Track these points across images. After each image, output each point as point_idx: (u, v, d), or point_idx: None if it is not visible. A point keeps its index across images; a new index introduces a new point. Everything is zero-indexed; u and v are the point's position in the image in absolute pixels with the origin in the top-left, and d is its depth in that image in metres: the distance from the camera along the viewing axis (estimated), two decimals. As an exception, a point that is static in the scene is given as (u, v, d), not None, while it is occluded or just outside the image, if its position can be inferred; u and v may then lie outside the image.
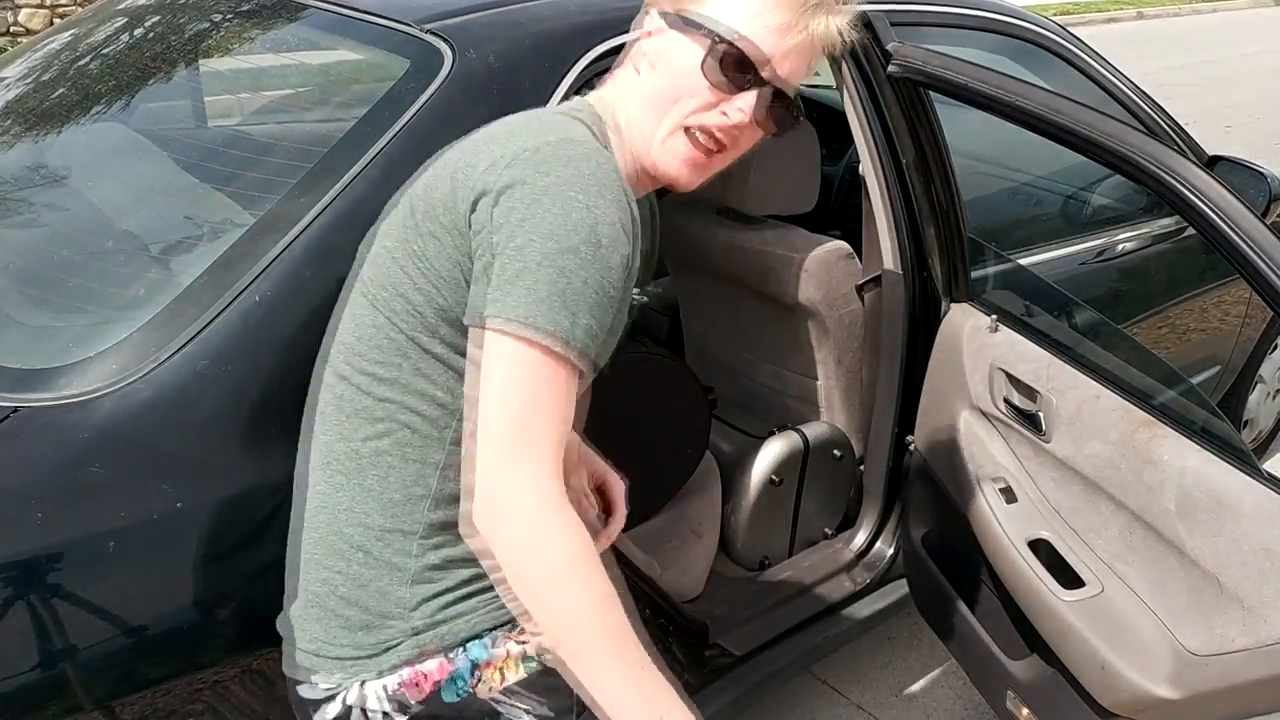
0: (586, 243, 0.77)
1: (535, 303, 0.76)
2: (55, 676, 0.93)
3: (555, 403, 0.77)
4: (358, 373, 0.86)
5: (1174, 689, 1.28)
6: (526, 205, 0.77)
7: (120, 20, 1.67)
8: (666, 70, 0.86)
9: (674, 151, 0.86)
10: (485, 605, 0.87)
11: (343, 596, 0.87)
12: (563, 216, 0.76)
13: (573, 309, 0.76)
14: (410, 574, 0.86)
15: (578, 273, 0.76)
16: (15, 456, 0.97)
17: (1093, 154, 1.31)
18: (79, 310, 1.14)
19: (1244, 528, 1.21)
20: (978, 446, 1.55)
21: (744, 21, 0.84)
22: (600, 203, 0.78)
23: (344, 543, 0.87)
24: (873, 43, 1.63)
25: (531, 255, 0.76)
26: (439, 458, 0.85)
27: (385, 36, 1.33)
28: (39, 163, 1.40)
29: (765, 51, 0.84)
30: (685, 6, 0.86)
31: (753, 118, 0.86)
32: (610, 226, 0.78)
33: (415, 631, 0.86)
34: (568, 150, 0.79)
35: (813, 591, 1.79)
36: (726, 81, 0.84)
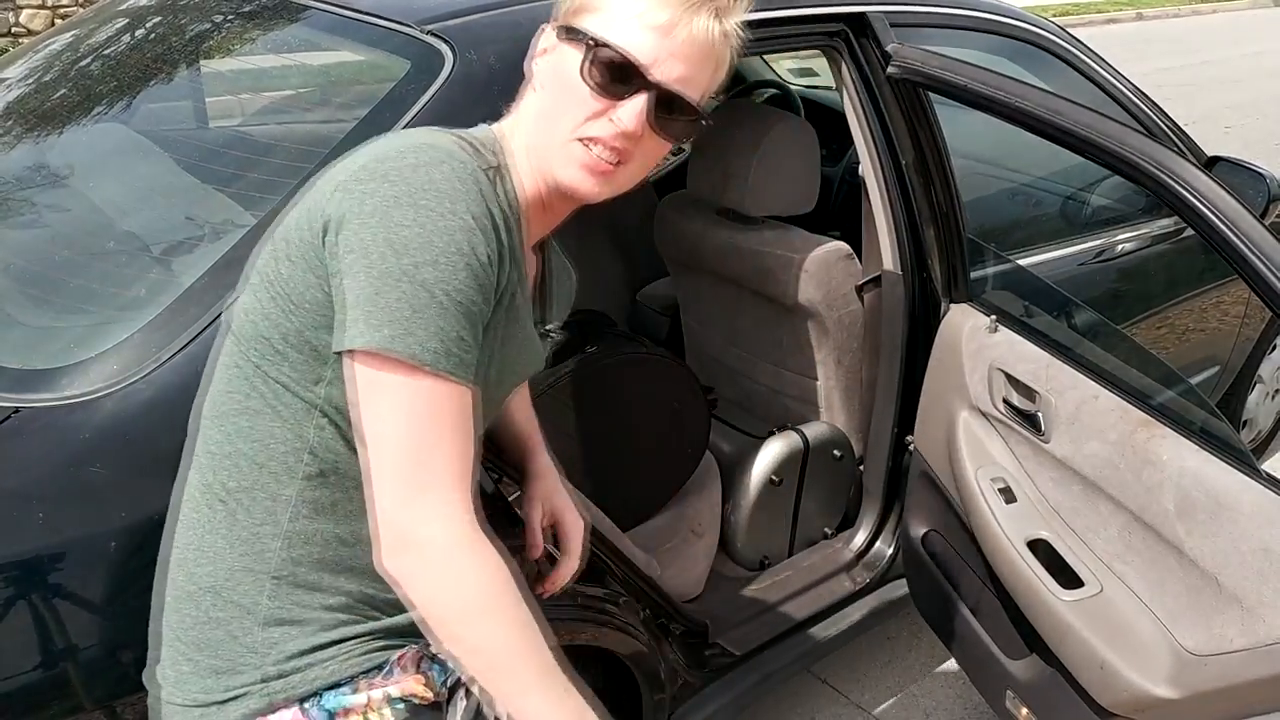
0: (445, 252, 0.74)
1: (399, 322, 0.72)
2: (56, 676, 0.94)
3: (447, 428, 0.74)
4: (213, 406, 0.84)
5: (1173, 689, 1.28)
6: (377, 219, 0.74)
7: (121, 21, 1.68)
8: (555, 83, 0.83)
9: (571, 160, 0.82)
10: (346, 653, 0.83)
11: (193, 640, 0.83)
12: (416, 228, 0.73)
13: (440, 324, 0.73)
14: (260, 616, 0.81)
15: (439, 285, 0.73)
16: (17, 457, 0.97)
17: (1092, 155, 1.31)
18: (80, 311, 1.14)
19: (1243, 528, 1.21)
20: (977, 447, 1.56)
21: (624, 23, 0.80)
22: (456, 207, 0.75)
23: (193, 584, 0.83)
24: (872, 44, 1.63)
25: (389, 272, 0.73)
26: (290, 493, 0.81)
27: (386, 37, 1.33)
28: (40, 163, 1.41)
29: (648, 52, 0.80)
30: (573, 18, 0.83)
31: (642, 125, 0.81)
32: (469, 232, 0.75)
33: (265, 679, 0.81)
34: (417, 157, 0.76)
35: (813, 591, 1.80)
36: (608, 86, 0.80)
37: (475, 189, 0.77)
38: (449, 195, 0.75)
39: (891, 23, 1.66)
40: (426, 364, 0.73)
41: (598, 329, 1.62)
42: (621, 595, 1.40)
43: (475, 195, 0.77)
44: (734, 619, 1.70)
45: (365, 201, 0.75)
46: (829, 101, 2.97)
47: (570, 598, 1.31)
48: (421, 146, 0.78)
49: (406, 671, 0.86)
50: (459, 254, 0.74)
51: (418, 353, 0.73)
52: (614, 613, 1.38)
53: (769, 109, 1.88)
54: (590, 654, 1.41)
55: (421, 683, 0.86)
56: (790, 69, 3.36)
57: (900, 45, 1.62)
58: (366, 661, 0.84)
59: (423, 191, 0.75)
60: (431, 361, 0.74)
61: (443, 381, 0.74)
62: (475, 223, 0.76)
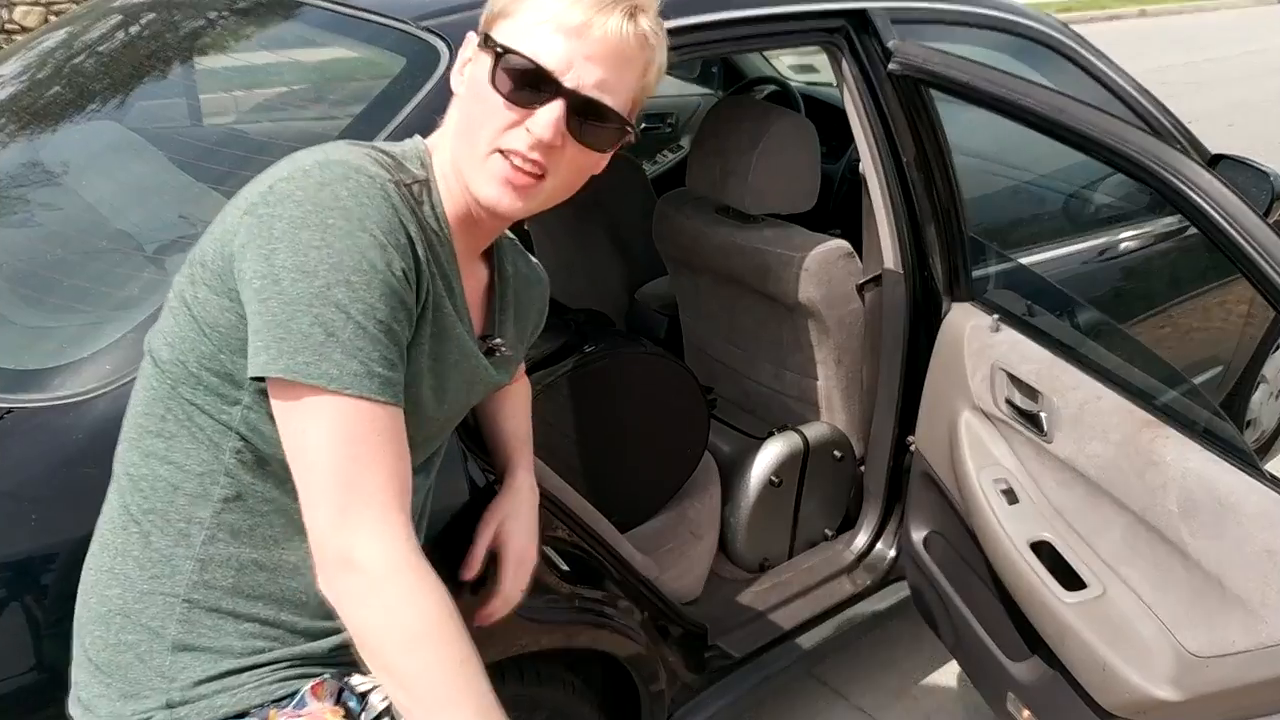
0: (356, 270, 0.72)
1: (313, 348, 0.71)
2: (51, 677, 0.93)
3: (376, 449, 0.73)
4: (131, 428, 0.83)
5: (1175, 691, 1.28)
6: (285, 243, 0.72)
7: (115, 18, 1.67)
8: (471, 95, 0.80)
9: (490, 176, 0.79)
10: (258, 680, 0.82)
11: (104, 663, 0.82)
12: (324, 249, 0.71)
13: (358, 344, 0.72)
14: (169, 640, 0.80)
15: (353, 305, 0.72)
16: (9, 457, 0.96)
17: (1095, 152, 1.30)
18: (73, 310, 1.14)
19: (1246, 529, 1.21)
20: (979, 447, 1.55)
21: (535, 28, 0.77)
22: (365, 224, 0.73)
23: (104, 606, 0.82)
24: (873, 40, 1.62)
25: (300, 296, 0.71)
26: (205, 516, 0.80)
27: (381, 34, 1.32)
28: (33, 161, 1.40)
29: (560, 58, 0.77)
30: (490, 26, 0.80)
31: (558, 134, 0.78)
32: (380, 249, 0.73)
33: (170, 704, 0.80)
34: (323, 175, 0.74)
35: (813, 593, 1.79)
36: (520, 94, 0.77)
37: (384, 204, 0.75)
38: (356, 212, 0.73)
39: (893, 19, 1.65)
40: (347, 388, 0.72)
41: (596, 328, 1.61)
42: (620, 597, 1.39)
43: (384, 210, 0.75)
44: (734, 621, 1.69)
45: (273, 225, 0.73)
46: (829, 98, 2.96)
47: (568, 600, 1.30)
48: (328, 164, 0.76)
49: (321, 700, 0.84)
50: (371, 271, 0.73)
51: (336, 376, 0.72)
52: (612, 615, 1.37)
53: (769, 106, 1.87)
54: (589, 656, 1.40)
55: (339, 715, 0.84)
56: (790, 65, 3.35)
57: (901, 42, 1.61)
58: (278, 689, 0.83)
59: (329, 210, 0.73)
60: (353, 385, 0.72)
61: (366, 403, 0.73)
62: (385, 238, 0.74)
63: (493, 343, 0.92)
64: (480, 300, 0.93)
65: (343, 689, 0.86)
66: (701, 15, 1.42)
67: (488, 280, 0.94)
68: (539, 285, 1.03)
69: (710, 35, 1.46)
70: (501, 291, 0.95)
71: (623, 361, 1.56)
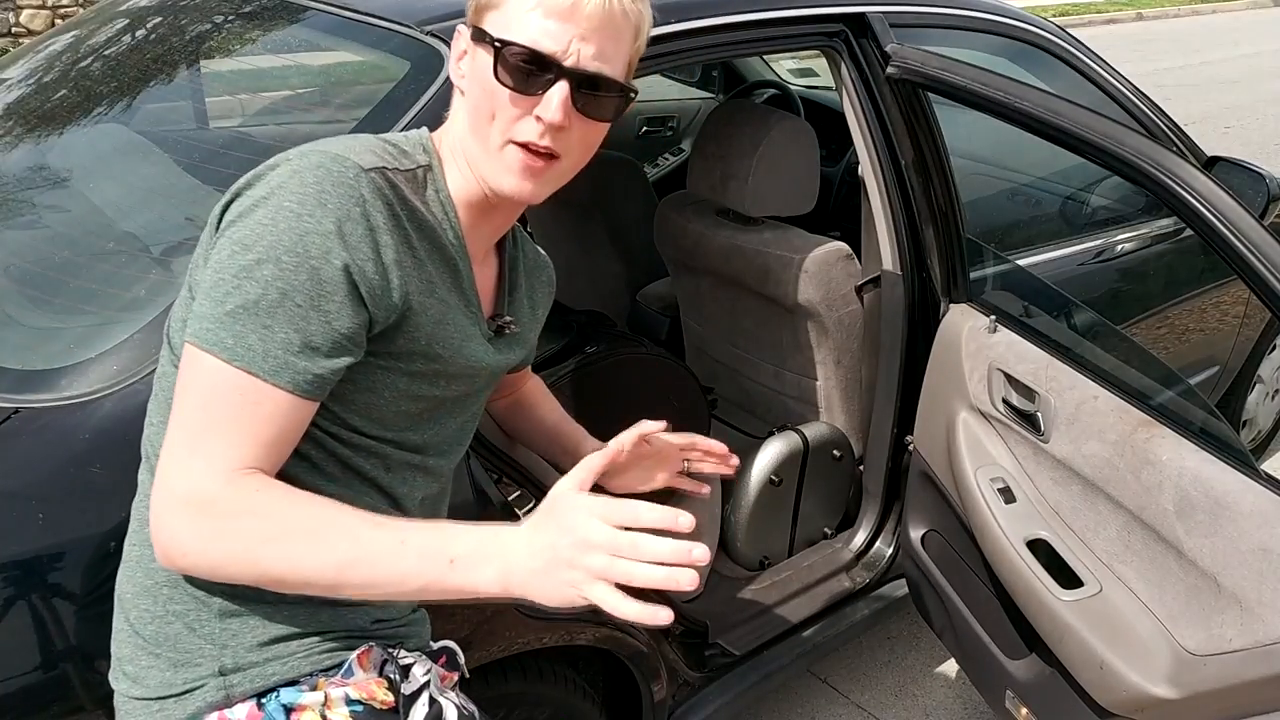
0: (290, 252, 0.73)
1: (221, 317, 0.73)
2: (57, 676, 0.94)
3: (247, 421, 0.74)
4: (159, 410, 0.85)
5: (1172, 689, 1.29)
6: (239, 218, 0.76)
7: (122, 22, 1.68)
8: (476, 89, 0.82)
9: (506, 167, 0.82)
10: (306, 649, 0.83)
11: (152, 635, 0.83)
12: (270, 226, 0.74)
13: (266, 322, 0.73)
14: (216, 608, 0.82)
15: (274, 284, 0.73)
16: (16, 457, 0.97)
17: (1091, 156, 1.31)
18: (80, 311, 1.14)
19: (1242, 528, 1.22)
20: (976, 447, 1.56)
21: (525, 16, 0.79)
22: (317, 213, 0.74)
23: (150, 579, 0.84)
24: (872, 44, 1.63)
25: (229, 267, 0.74)
26: None
27: (385, 38, 1.33)
28: (41, 164, 1.41)
29: (557, 40, 0.78)
30: (479, 19, 0.82)
31: (567, 115, 0.80)
32: (323, 237, 0.74)
33: (222, 671, 0.82)
34: (300, 163, 0.76)
35: (812, 591, 1.80)
36: (525, 83, 0.79)
37: (348, 194, 0.76)
38: (314, 200, 0.75)
39: (891, 23, 1.66)
40: (237, 359, 0.74)
41: (598, 329, 1.62)
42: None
43: (345, 200, 0.76)
44: (734, 619, 1.70)
45: (241, 204, 0.77)
46: (828, 102, 2.97)
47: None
48: (309, 153, 0.78)
49: (367, 671, 0.86)
50: (304, 257, 0.74)
51: (230, 346, 0.74)
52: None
53: (769, 109, 1.88)
54: (590, 654, 1.41)
55: (384, 686, 0.86)
56: (790, 69, 3.37)
57: (900, 45, 1.62)
58: (326, 659, 0.84)
59: (288, 194, 0.75)
60: (242, 358, 0.74)
61: (251, 378, 0.74)
62: (334, 226, 0.75)
63: (503, 320, 0.94)
64: (493, 285, 0.95)
65: (386, 660, 0.87)
66: (702, 20, 1.44)
67: (498, 266, 0.96)
68: (546, 269, 1.06)
69: (711, 39, 1.47)
70: (513, 273, 0.98)
71: (624, 362, 1.57)
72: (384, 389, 0.83)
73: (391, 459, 0.87)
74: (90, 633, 0.94)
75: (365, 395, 0.83)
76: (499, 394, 1.17)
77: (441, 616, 1.06)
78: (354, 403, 0.83)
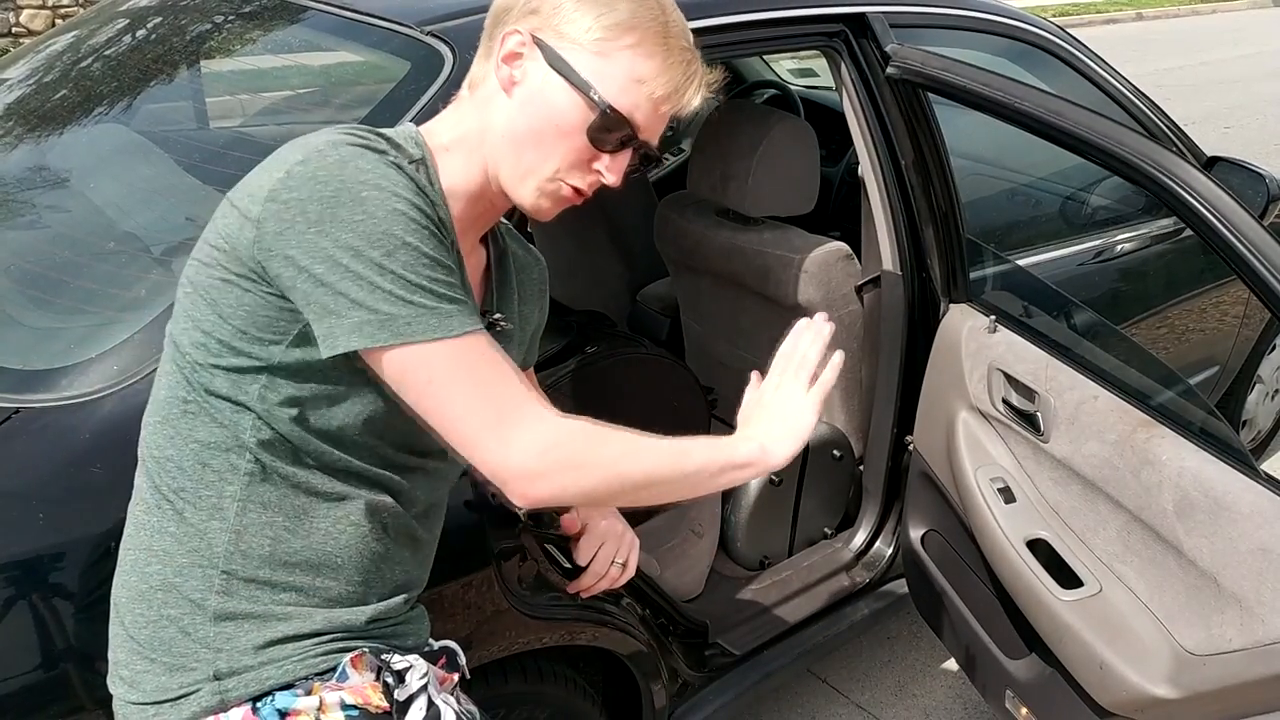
0: (406, 231, 0.76)
1: (401, 317, 0.76)
2: (58, 676, 0.94)
3: (492, 368, 0.79)
4: (155, 411, 0.85)
5: (1172, 689, 1.29)
6: (330, 223, 0.75)
7: (122, 22, 1.68)
8: (545, 117, 0.84)
9: (545, 194, 0.87)
10: (301, 653, 0.84)
11: (147, 639, 0.83)
12: (366, 220, 0.75)
13: (433, 294, 0.77)
14: (211, 611, 0.82)
15: (415, 265, 0.76)
16: (17, 457, 0.97)
17: (1091, 156, 1.31)
18: (81, 311, 1.14)
19: (1241, 528, 1.22)
20: (976, 447, 1.56)
21: (630, 87, 0.83)
22: (397, 189, 0.77)
23: (145, 583, 0.84)
24: (872, 44, 1.63)
25: (366, 270, 0.75)
26: (233, 489, 0.82)
27: (386, 38, 1.33)
28: (41, 164, 1.41)
29: (646, 118, 0.85)
30: (565, 46, 0.83)
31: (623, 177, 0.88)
32: (415, 209, 0.77)
33: (217, 675, 0.82)
34: (338, 154, 0.78)
35: (812, 591, 1.80)
36: (606, 142, 0.85)
37: (399, 173, 0.79)
38: (385, 182, 0.77)
39: (891, 23, 1.66)
40: (445, 334, 0.77)
41: (598, 330, 1.62)
42: (622, 595, 1.40)
43: (403, 179, 0.79)
44: (734, 619, 1.70)
45: (306, 209, 0.75)
46: (828, 102, 2.97)
47: (570, 597, 1.31)
48: (338, 143, 0.79)
49: (362, 675, 0.86)
50: (417, 227, 0.77)
51: (435, 326, 0.77)
52: (614, 613, 1.38)
53: (769, 109, 1.88)
54: (591, 653, 1.41)
55: (379, 690, 0.86)
56: (790, 69, 3.37)
57: (900, 46, 1.62)
58: (321, 662, 0.84)
59: (360, 184, 0.76)
60: (442, 329, 0.77)
61: (463, 339, 0.78)
62: (418, 198, 0.78)
63: (492, 317, 0.95)
64: (479, 279, 0.96)
65: (381, 667, 0.87)
66: (703, 20, 1.44)
67: (486, 261, 0.97)
68: (537, 267, 1.06)
69: (711, 40, 1.47)
70: (500, 270, 0.98)
71: (624, 362, 1.57)
72: (386, 389, 0.83)
73: (393, 461, 0.87)
74: (90, 633, 0.94)
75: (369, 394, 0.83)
76: None
77: (441, 616, 1.06)
78: (358, 404, 0.82)
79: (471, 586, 1.20)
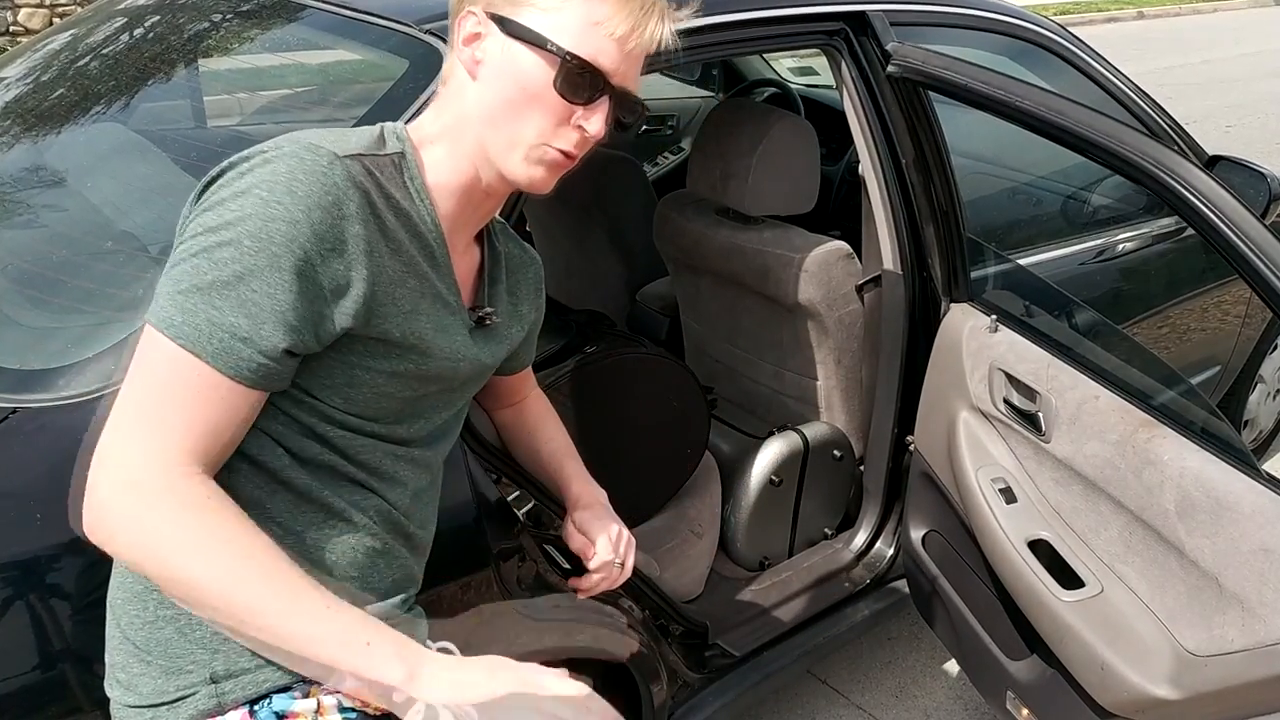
0: (252, 237, 0.73)
1: (175, 295, 0.74)
2: (56, 677, 0.93)
3: (189, 404, 0.73)
4: None
5: (1173, 689, 1.28)
6: (210, 204, 0.76)
7: (120, 20, 1.67)
8: (512, 86, 0.83)
9: (535, 162, 0.85)
10: None
11: (143, 641, 0.83)
12: (236, 213, 0.74)
13: (218, 304, 0.73)
14: None
15: (231, 266, 0.73)
16: (14, 457, 0.97)
17: (1092, 154, 1.31)
18: (78, 311, 1.14)
19: (1243, 528, 1.21)
20: (977, 447, 1.55)
21: (586, 31, 0.82)
22: (287, 201, 0.75)
23: (140, 584, 0.83)
24: (872, 43, 1.63)
25: (190, 249, 0.75)
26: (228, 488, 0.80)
27: (384, 37, 1.33)
28: (38, 163, 1.40)
29: (612, 61, 0.83)
30: (519, 11, 0.83)
31: (606, 129, 0.86)
32: (289, 224, 0.74)
33: (214, 678, 0.81)
34: (275, 151, 0.77)
35: (812, 592, 1.80)
36: (578, 94, 0.83)
37: (321, 183, 0.76)
38: (284, 188, 0.75)
39: (892, 21, 1.65)
40: (180, 337, 0.73)
41: (597, 329, 1.62)
42: (621, 596, 1.40)
43: (317, 190, 0.76)
44: (734, 619, 1.70)
45: (215, 192, 0.78)
46: (829, 100, 2.97)
47: (569, 598, 1.31)
48: (284, 141, 0.79)
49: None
50: (266, 242, 0.74)
51: (178, 323, 0.73)
52: (614, 613, 1.38)
53: (769, 108, 1.88)
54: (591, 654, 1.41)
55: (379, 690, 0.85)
56: (790, 68, 3.36)
57: (900, 44, 1.61)
58: None
59: (259, 182, 0.75)
60: (186, 337, 0.73)
61: (195, 359, 0.74)
62: (303, 214, 0.75)
63: (483, 312, 0.94)
64: (472, 276, 0.95)
65: None
66: (702, 18, 1.43)
67: (479, 258, 0.97)
68: (532, 265, 1.05)
69: (711, 38, 1.46)
70: (493, 266, 0.98)
71: (624, 362, 1.56)
72: (363, 384, 0.83)
73: (379, 450, 0.87)
74: (88, 633, 0.94)
75: (346, 389, 0.83)
76: (500, 402, 1.16)
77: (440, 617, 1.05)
78: (336, 397, 0.83)
79: (470, 587, 1.19)
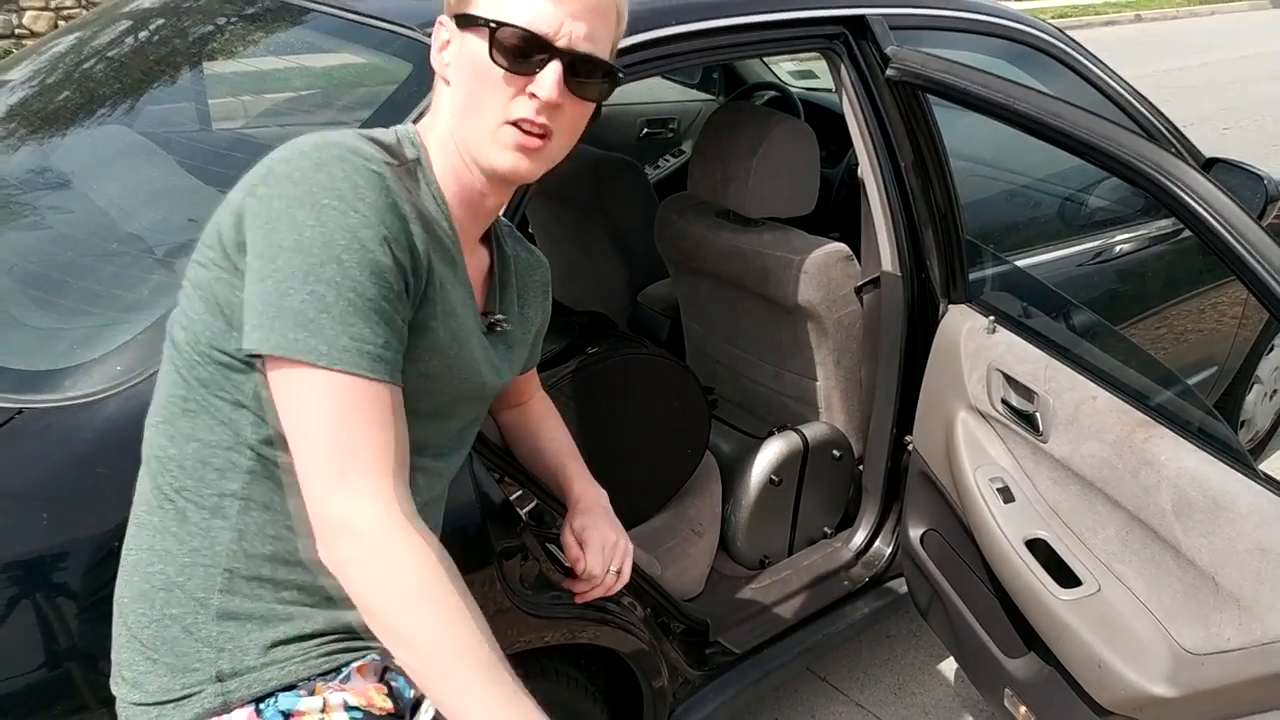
0: (348, 250, 0.74)
1: (305, 324, 0.74)
2: (61, 676, 0.94)
3: (365, 423, 0.75)
4: (157, 411, 0.85)
5: (1170, 688, 1.29)
6: (283, 221, 0.75)
7: (124, 23, 1.68)
8: (467, 73, 0.83)
9: (502, 144, 0.83)
10: (304, 654, 0.83)
11: (150, 639, 0.83)
12: (317, 227, 0.74)
13: (348, 320, 0.74)
14: (214, 610, 0.82)
15: (345, 282, 0.74)
16: (20, 457, 0.97)
17: (1090, 157, 1.32)
18: (84, 312, 1.15)
19: (1240, 528, 1.22)
20: (975, 447, 1.56)
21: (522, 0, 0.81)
22: (358, 205, 0.75)
23: (147, 583, 0.84)
24: (872, 46, 1.64)
25: (294, 273, 0.74)
26: (235, 488, 0.82)
27: (388, 40, 1.34)
28: (44, 165, 1.41)
29: (549, 20, 0.81)
30: (466, 5, 0.83)
31: (560, 92, 0.82)
32: (373, 229, 0.76)
33: (220, 676, 0.82)
34: (320, 156, 0.77)
35: (812, 590, 1.80)
36: (519, 63, 0.81)
37: (378, 185, 0.78)
38: (349, 193, 0.76)
39: (891, 25, 1.66)
40: (336, 364, 0.74)
41: (599, 330, 1.62)
42: (622, 594, 1.41)
43: (377, 192, 0.77)
44: (734, 618, 1.71)
45: (271, 204, 0.76)
46: (828, 103, 2.98)
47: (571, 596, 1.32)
48: (325, 145, 0.79)
49: (366, 679, 0.86)
50: (362, 250, 0.75)
51: (325, 351, 0.74)
52: (615, 611, 1.39)
53: (769, 111, 1.89)
54: (592, 652, 1.42)
55: (383, 692, 0.86)
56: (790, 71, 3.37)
57: (899, 48, 1.62)
58: (325, 663, 0.84)
59: (325, 191, 0.76)
60: (341, 360, 0.74)
61: (355, 379, 0.75)
62: (377, 218, 0.76)
63: (494, 318, 0.94)
64: (481, 280, 0.96)
65: (387, 668, 0.87)
66: (703, 22, 1.44)
67: (488, 262, 0.97)
68: (539, 268, 1.05)
69: (711, 41, 1.47)
70: (502, 271, 0.98)
71: (625, 362, 1.57)
72: None
73: None
74: (94, 632, 0.94)
75: None
76: (505, 403, 1.17)
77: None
78: None
79: (474, 586, 1.19)
